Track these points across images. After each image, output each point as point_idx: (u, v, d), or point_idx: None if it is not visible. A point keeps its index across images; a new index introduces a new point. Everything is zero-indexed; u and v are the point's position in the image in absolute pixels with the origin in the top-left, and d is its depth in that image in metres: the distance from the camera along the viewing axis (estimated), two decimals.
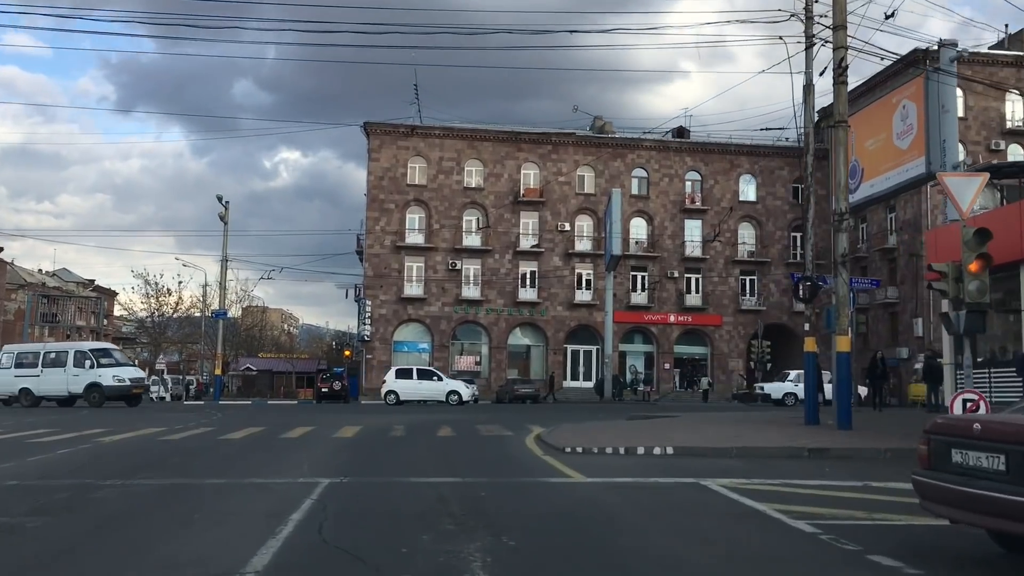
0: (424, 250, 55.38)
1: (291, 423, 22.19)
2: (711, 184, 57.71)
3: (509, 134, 56.52)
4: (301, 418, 25.50)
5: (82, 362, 33.75)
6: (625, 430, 18.91)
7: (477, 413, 29.23)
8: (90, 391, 33.20)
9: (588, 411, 31.53)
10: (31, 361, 34.96)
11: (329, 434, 18.18)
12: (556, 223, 56.29)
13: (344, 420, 23.80)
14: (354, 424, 21.64)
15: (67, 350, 35.76)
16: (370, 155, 55.73)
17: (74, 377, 33.59)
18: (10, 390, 34.72)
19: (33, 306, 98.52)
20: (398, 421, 23.48)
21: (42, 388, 34.34)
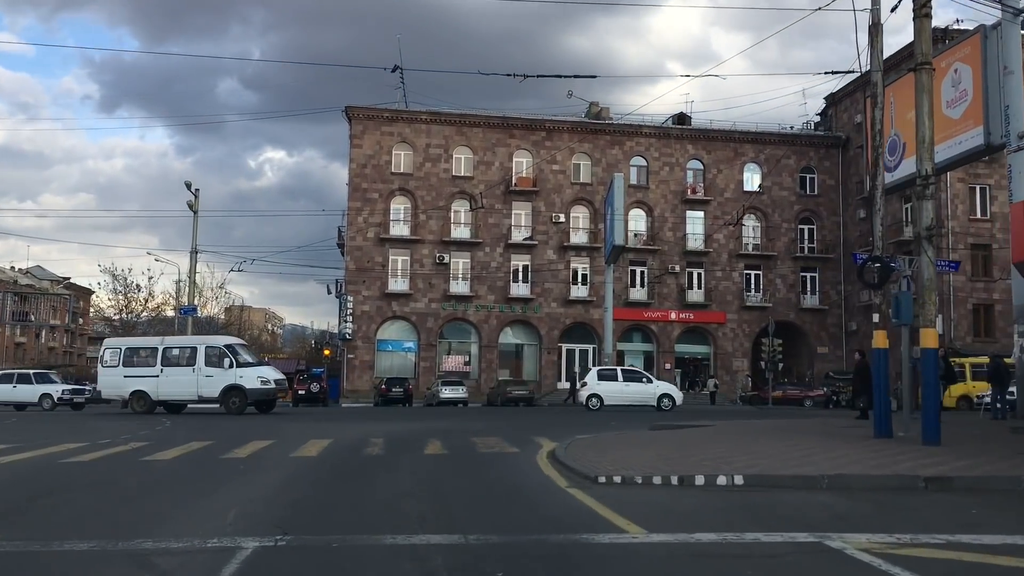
0: (409, 242, 51.57)
1: (248, 435, 18.42)
2: (714, 173, 54.13)
3: (500, 119, 52.77)
4: (264, 427, 21.70)
5: (219, 360, 28.97)
6: (659, 445, 15.15)
7: (469, 420, 25.46)
8: (229, 395, 28.69)
9: (594, 417, 27.78)
10: (146, 358, 29.95)
11: (288, 452, 14.37)
12: (550, 214, 52.61)
13: (313, 430, 20.04)
14: (324, 436, 17.90)
15: (195, 345, 30.44)
16: (352, 141, 51.86)
17: (207, 379, 28.87)
18: (119, 392, 29.90)
19: (1, 304, 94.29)
20: (377, 431, 19.72)
21: (164, 391, 29.47)
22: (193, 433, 19.24)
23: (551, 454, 13.83)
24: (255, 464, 12.63)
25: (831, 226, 54.43)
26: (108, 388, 30.35)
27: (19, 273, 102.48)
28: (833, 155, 54.68)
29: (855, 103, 53.77)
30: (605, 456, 12.95)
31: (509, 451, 14.85)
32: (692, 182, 54.02)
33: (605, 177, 52.75)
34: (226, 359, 28.86)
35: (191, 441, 16.53)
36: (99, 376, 30.80)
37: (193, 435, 18.52)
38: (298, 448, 14.94)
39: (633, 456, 12.96)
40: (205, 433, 19.31)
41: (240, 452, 14.13)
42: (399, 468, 12.12)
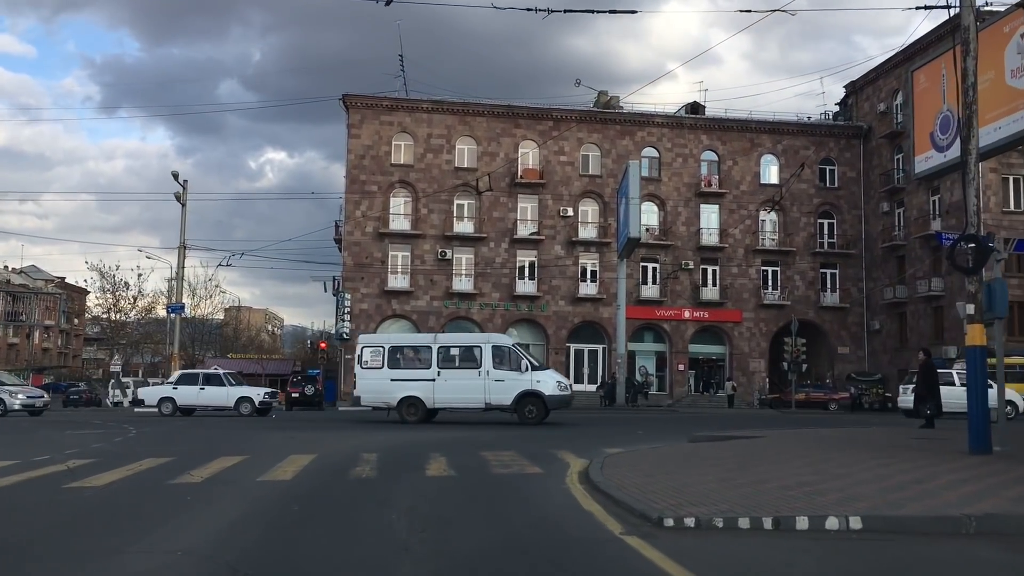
0: (410, 237, 48.69)
1: (219, 448, 15.67)
2: (729, 165, 51.19)
3: (505, 108, 49.91)
4: (242, 437, 18.90)
5: (510, 362, 24.53)
6: (713, 465, 12.29)
7: (475, 427, 22.65)
8: (524, 403, 24.15)
9: (613, 425, 24.91)
10: (416, 359, 25.55)
11: (256, 473, 11.57)
12: (558, 208, 49.71)
13: (297, 442, 17.27)
14: (307, 450, 15.13)
15: (478, 344, 25.62)
16: (349, 131, 48.98)
17: (498, 383, 24.30)
18: (384, 399, 25.14)
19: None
20: (371, 443, 16.98)
21: (442, 397, 24.82)
22: (157, 446, 16.45)
23: (583, 476, 11.10)
24: (208, 493, 9.81)
25: (852, 220, 51.55)
26: (369, 393, 25.44)
27: (12, 272, 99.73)
28: (854, 146, 51.77)
29: (877, 91, 50.97)
30: (654, 481, 10.14)
31: (530, 471, 12.06)
32: (706, 174, 51.10)
33: (615, 169, 50.03)
34: (522, 360, 24.57)
35: (147, 458, 13.70)
36: (357, 379, 25.97)
37: (156, 448, 15.74)
38: (271, 468, 12.13)
39: (691, 481, 10.12)
40: (172, 445, 16.54)
41: (196, 475, 11.29)
42: (393, 500, 9.28)
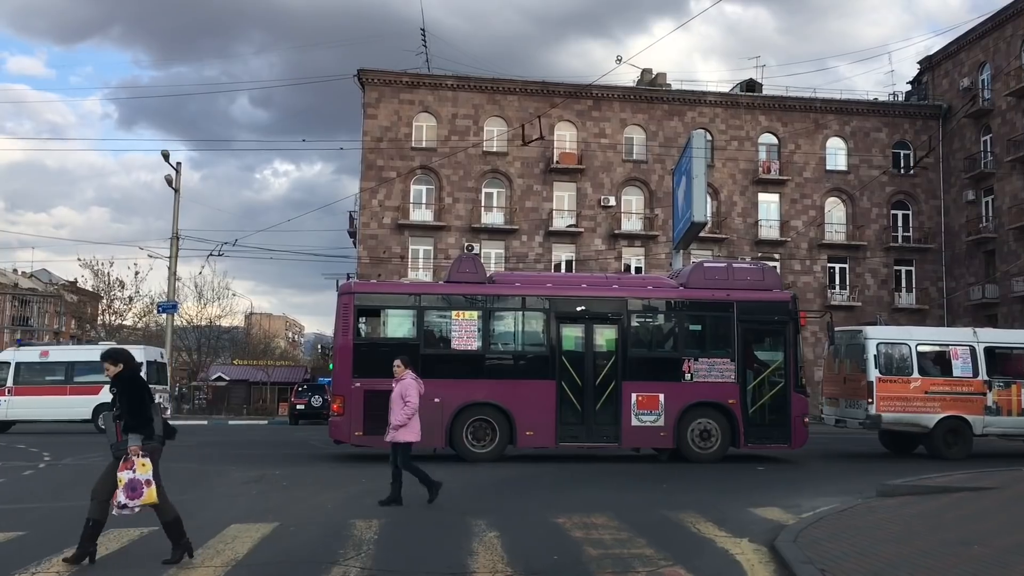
0: (433, 229, 42.41)
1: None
2: (790, 149, 44.63)
3: (539, 86, 43.59)
4: (198, 472, 12.63)
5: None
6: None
7: (523, 460, 16.23)
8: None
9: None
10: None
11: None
12: (598, 197, 43.32)
13: (260, 492, 10.98)
14: (265, 514, 8.95)
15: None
16: (365, 111, 42.83)
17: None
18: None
19: (1, 308, 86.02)
20: (376, 490, 10.66)
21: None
22: (53, 488, 10.18)
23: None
24: None
25: (930, 211, 44.82)
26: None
27: (22, 276, 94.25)
28: (932, 127, 45.06)
29: (959, 65, 44.30)
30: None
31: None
32: (765, 159, 44.57)
33: (663, 153, 43.64)
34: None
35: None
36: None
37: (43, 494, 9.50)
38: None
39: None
40: (65, 490, 10.26)
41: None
42: None
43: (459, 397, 15.80)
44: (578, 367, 16.13)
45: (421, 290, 17.91)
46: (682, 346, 16.49)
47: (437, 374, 15.97)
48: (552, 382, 15.96)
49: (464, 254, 17.80)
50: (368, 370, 15.69)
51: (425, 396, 16.03)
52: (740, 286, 16.71)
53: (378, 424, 15.76)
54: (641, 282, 17.83)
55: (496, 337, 16.44)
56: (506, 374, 16.18)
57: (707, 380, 16.24)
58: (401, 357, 11.17)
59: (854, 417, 17.55)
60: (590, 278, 19.16)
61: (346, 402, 15.58)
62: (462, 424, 15.78)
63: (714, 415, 16.20)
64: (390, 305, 16.54)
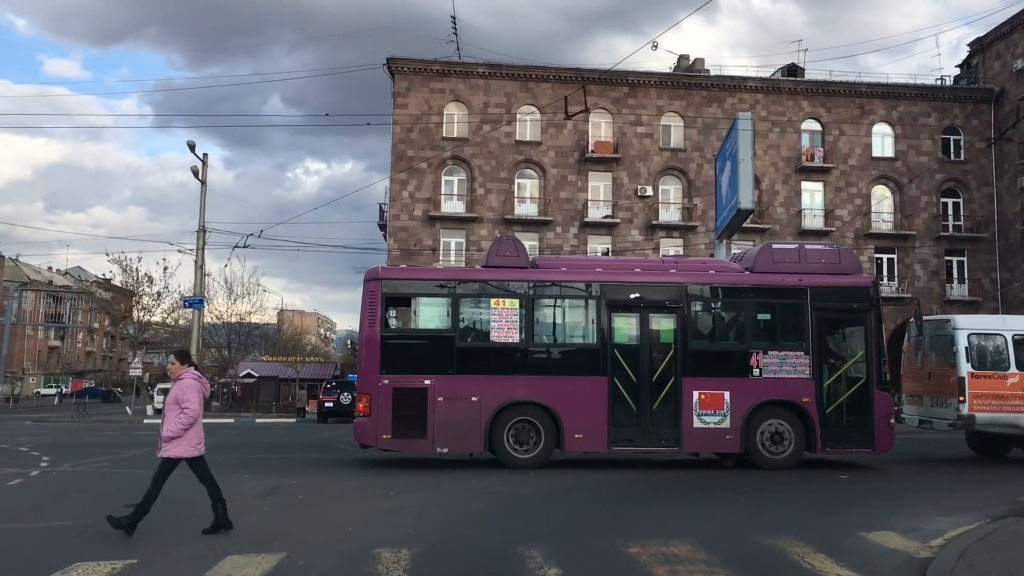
0: (465, 221, 40.54)
1: (91, 529, 7.44)
2: (835, 136, 42.25)
3: (573, 73, 41.49)
4: (171, 486, 10.79)
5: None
6: None
7: (572, 467, 14.26)
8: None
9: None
10: None
11: None
12: (635, 186, 41.24)
13: (272, 505, 9.14)
14: (270, 542, 6.99)
15: None
16: (395, 100, 41.00)
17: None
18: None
19: (35, 305, 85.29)
20: (410, 514, 8.73)
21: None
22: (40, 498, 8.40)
23: None
24: None
25: (982, 199, 42.27)
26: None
27: (56, 274, 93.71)
28: (983, 112, 42.51)
29: (1012, 46, 41.71)
30: None
31: None
32: (808, 146, 42.25)
33: (701, 141, 41.51)
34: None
35: None
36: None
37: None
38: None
39: None
40: (45, 506, 8.46)
41: None
42: None
43: (499, 396, 13.85)
44: (632, 361, 14.13)
45: (456, 276, 15.84)
46: (749, 337, 14.41)
47: (475, 370, 14.07)
48: (603, 379, 13.98)
49: (504, 236, 15.69)
50: (397, 365, 13.81)
51: (462, 394, 14.22)
52: (814, 270, 14.62)
53: (409, 426, 13.88)
54: (702, 266, 15.74)
55: (540, 328, 14.45)
56: (552, 370, 14.21)
57: (778, 376, 14.17)
58: (176, 351, 8.53)
59: (942, 417, 15.38)
60: (644, 262, 17.15)
61: (373, 401, 13.69)
62: (503, 426, 13.83)
63: (786, 415, 14.13)
64: (422, 292, 14.55)
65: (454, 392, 13.75)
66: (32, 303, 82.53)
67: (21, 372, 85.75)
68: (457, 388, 13.80)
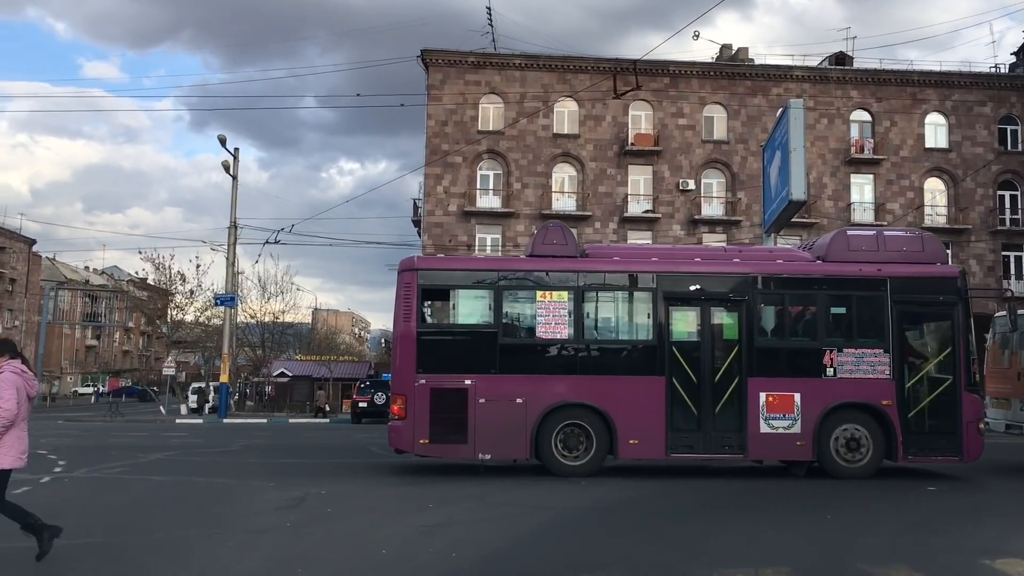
0: (501, 216, 39.38)
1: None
2: (886, 127, 40.50)
3: (612, 63, 40.03)
4: (225, 491, 9.69)
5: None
6: None
7: (627, 476, 12.96)
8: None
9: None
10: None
11: None
12: (676, 180, 39.83)
13: (312, 521, 7.92)
14: (307, 555, 5.75)
15: None
16: (429, 93, 39.91)
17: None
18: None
19: (72, 305, 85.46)
20: (448, 521, 7.44)
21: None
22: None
23: None
24: None
25: None
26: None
27: (92, 273, 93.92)
28: None
29: None
30: None
31: None
32: (858, 137, 40.54)
33: (745, 133, 39.99)
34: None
35: None
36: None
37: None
38: None
39: None
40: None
41: None
42: None
43: (546, 397, 12.55)
44: (693, 360, 12.77)
45: (499, 266, 14.44)
46: (823, 333, 12.97)
47: (520, 369, 12.79)
48: (660, 379, 12.64)
49: (550, 222, 14.33)
50: (435, 364, 12.57)
51: (506, 396, 12.93)
52: (894, 258, 13.15)
53: (448, 430, 12.61)
54: (769, 255, 14.26)
55: (591, 323, 13.11)
56: (604, 369, 12.88)
57: (854, 376, 12.74)
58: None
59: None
60: (705, 251, 15.71)
61: (408, 403, 12.45)
62: (551, 430, 12.53)
63: (864, 420, 12.69)
64: (461, 284, 13.24)
65: (497, 393, 12.48)
66: (69, 302, 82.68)
67: (59, 371, 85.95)
68: (500, 389, 12.53)
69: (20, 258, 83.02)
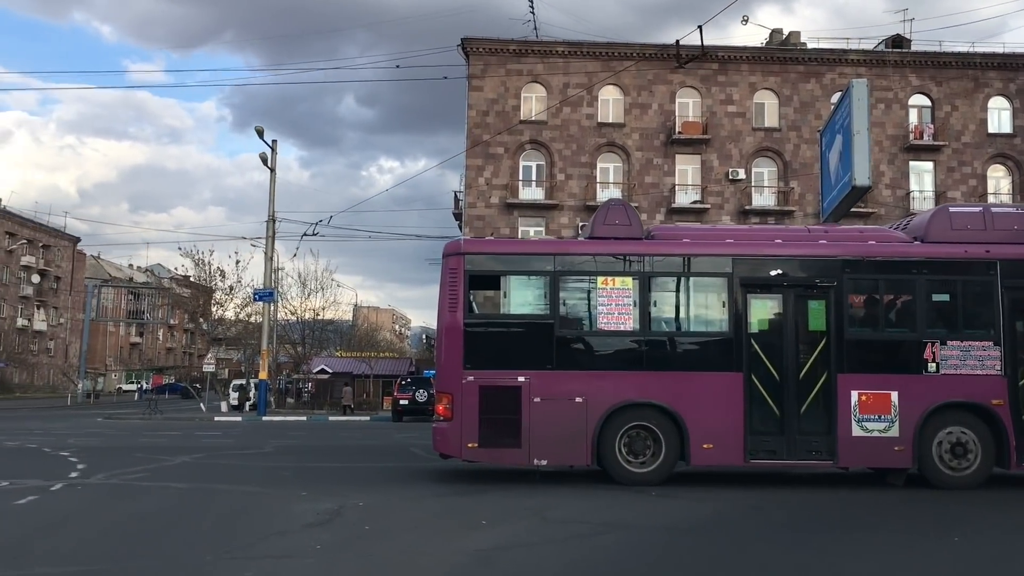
0: (544, 208, 37.90)
1: None
2: (946, 112, 38.35)
3: (658, 50, 38.36)
4: (252, 501, 8.28)
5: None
6: None
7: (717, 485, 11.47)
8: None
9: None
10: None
11: None
12: (726, 169, 38.04)
13: (347, 543, 6.51)
14: None
15: None
16: (470, 82, 38.51)
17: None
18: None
19: (116, 302, 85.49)
20: (505, 543, 5.94)
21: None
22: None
23: None
24: None
25: None
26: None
27: (136, 271, 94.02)
28: None
29: None
30: None
31: None
32: (917, 123, 38.43)
33: (798, 120, 38.12)
34: None
35: None
36: None
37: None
38: None
39: None
40: (37, 540, 6.01)
41: None
42: None
43: (610, 396, 11.07)
44: (774, 354, 11.22)
45: (556, 249, 12.85)
46: (923, 324, 11.35)
47: (579, 364, 11.34)
48: (738, 375, 11.12)
49: (613, 200, 12.77)
50: (485, 359, 11.17)
51: (564, 394, 11.41)
52: (1004, 238, 11.48)
53: (500, 433, 11.13)
54: (859, 235, 12.61)
55: (659, 312, 11.60)
56: (674, 364, 11.37)
57: (960, 372, 11.11)
58: None
59: None
60: (786, 231, 14.04)
61: (455, 403, 11.05)
62: (614, 433, 11.05)
63: (971, 421, 11.05)
64: (513, 270, 11.75)
65: (554, 391, 11.04)
66: (113, 300, 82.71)
67: (104, 368, 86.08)
68: (557, 386, 11.08)
69: (65, 256, 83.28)
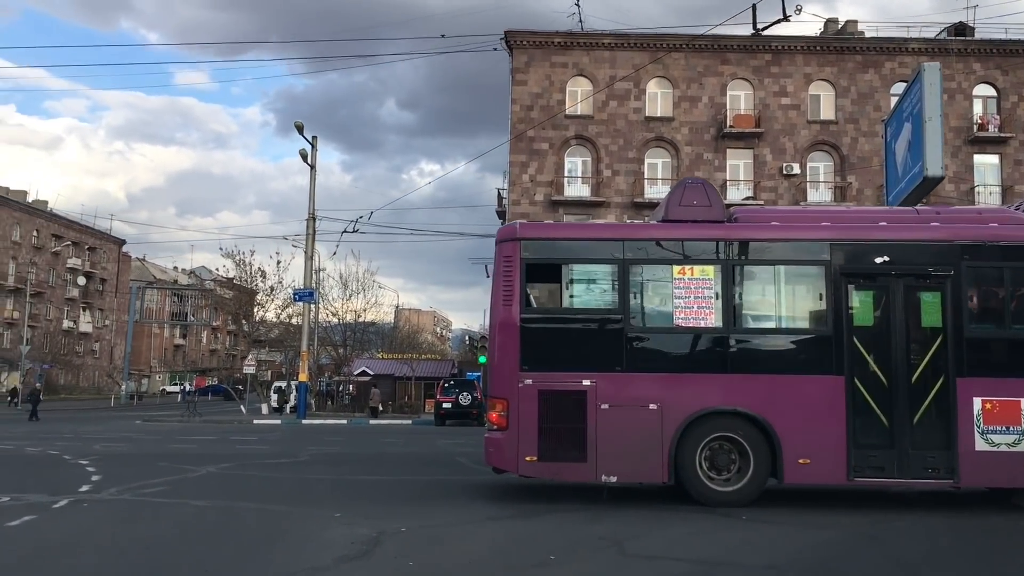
0: (590, 206, 36.27)
1: None
2: (1013, 102, 36.13)
3: (709, 40, 36.64)
4: (275, 525, 6.76)
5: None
6: None
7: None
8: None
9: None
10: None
11: None
12: (779, 164, 36.17)
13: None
14: None
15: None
16: (514, 76, 37.06)
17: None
18: None
19: (160, 304, 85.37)
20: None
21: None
22: None
23: None
24: None
25: None
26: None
27: (180, 273, 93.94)
28: None
29: None
30: None
31: None
32: (982, 114, 36.26)
33: (855, 112, 36.14)
34: None
35: None
36: None
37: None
38: None
39: None
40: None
41: None
42: None
43: (688, 403, 9.45)
44: (881, 354, 9.52)
45: (625, 234, 10.97)
46: None
47: (652, 366, 9.72)
48: (838, 379, 9.44)
49: (690, 179, 11.05)
50: (545, 359, 9.62)
51: (635, 400, 9.69)
52: None
53: (562, 444, 9.50)
54: (978, 216, 10.85)
55: (744, 306, 9.92)
56: (762, 366, 9.70)
57: None
58: None
59: None
60: (891, 212, 12.31)
61: (511, 409, 9.50)
62: (694, 445, 9.42)
63: None
64: (576, 257, 10.16)
65: (624, 397, 9.45)
66: (157, 302, 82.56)
67: (148, 370, 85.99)
68: (628, 391, 9.48)
69: (110, 258, 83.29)
